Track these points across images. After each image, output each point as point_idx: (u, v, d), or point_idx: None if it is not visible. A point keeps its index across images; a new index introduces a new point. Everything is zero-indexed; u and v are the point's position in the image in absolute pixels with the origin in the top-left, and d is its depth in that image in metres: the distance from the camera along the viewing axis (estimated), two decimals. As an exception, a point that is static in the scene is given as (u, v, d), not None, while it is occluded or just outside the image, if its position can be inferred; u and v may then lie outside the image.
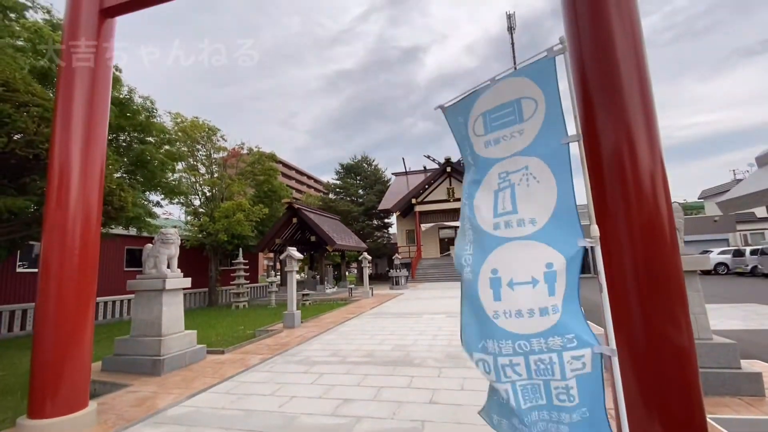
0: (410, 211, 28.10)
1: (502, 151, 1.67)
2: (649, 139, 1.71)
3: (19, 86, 4.37)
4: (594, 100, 1.70)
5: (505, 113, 1.66)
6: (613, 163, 1.61)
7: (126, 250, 14.54)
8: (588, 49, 1.91)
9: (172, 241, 5.14)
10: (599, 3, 1.95)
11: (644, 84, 1.82)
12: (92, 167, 3.46)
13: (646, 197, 1.62)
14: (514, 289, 1.59)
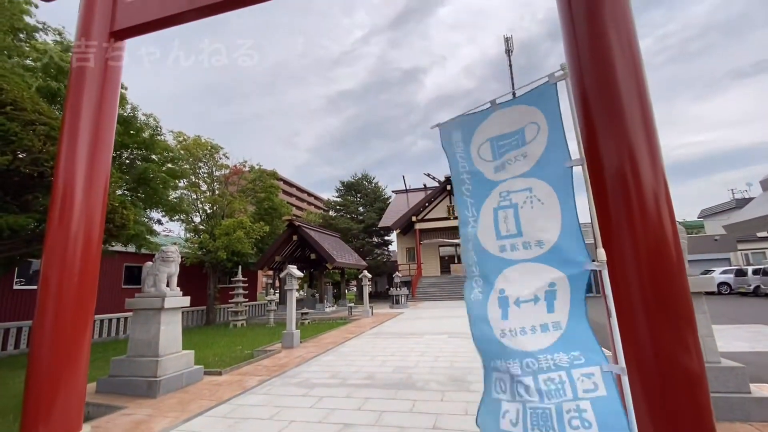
0: (410, 228, 28.10)
1: (506, 174, 1.69)
2: (651, 161, 1.73)
3: (27, 105, 4.44)
4: (596, 123, 1.72)
5: (511, 141, 1.69)
6: (617, 185, 1.61)
7: (125, 267, 14.46)
8: (588, 72, 1.94)
9: (172, 259, 5.12)
10: (598, 27, 2.00)
11: (645, 106, 1.84)
12: (96, 185, 3.47)
13: (651, 219, 1.62)
14: (520, 306, 1.60)
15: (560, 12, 2.25)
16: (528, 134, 1.64)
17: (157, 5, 3.26)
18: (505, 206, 1.66)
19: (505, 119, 1.72)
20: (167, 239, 17.51)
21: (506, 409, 1.64)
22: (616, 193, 1.62)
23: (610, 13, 2.04)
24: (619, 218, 1.60)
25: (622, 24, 2.03)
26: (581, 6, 2.10)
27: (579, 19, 2.10)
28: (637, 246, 1.59)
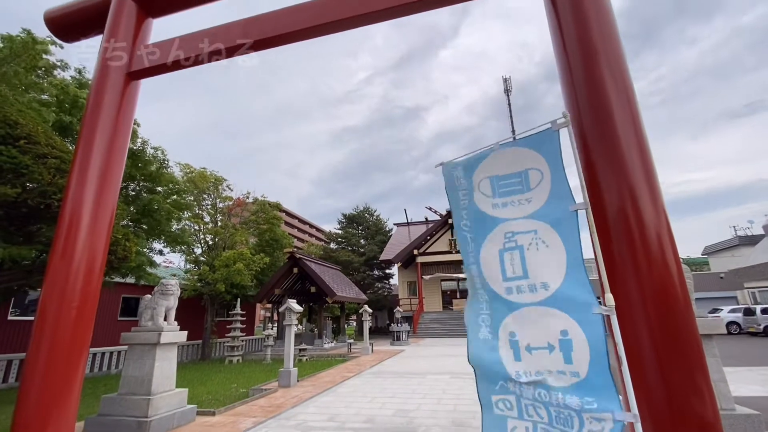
0: (412, 262, 27.89)
1: (510, 213, 1.71)
2: (653, 202, 1.75)
3: (41, 139, 4.57)
4: (597, 166, 1.76)
5: (513, 182, 1.72)
6: (620, 228, 1.62)
7: (122, 299, 14.26)
8: (587, 115, 2.00)
9: (171, 292, 5.06)
10: (594, 72, 2.09)
11: (643, 147, 1.89)
12: (102, 218, 3.50)
13: (656, 261, 1.62)
14: (532, 353, 1.58)
15: (557, 58, 2.36)
16: (532, 180, 1.67)
17: (174, 49, 3.44)
18: (511, 248, 1.67)
19: (506, 159, 1.76)
20: (167, 271, 17.39)
21: (514, 425, 1.65)
22: (620, 236, 1.63)
23: (605, 59, 2.15)
24: (625, 261, 1.60)
25: (617, 68, 2.12)
26: (577, 52, 2.21)
27: (575, 64, 2.20)
28: (644, 289, 1.58)
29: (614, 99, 2.01)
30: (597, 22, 2.26)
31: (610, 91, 2.03)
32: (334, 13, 2.67)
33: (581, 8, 2.31)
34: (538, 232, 1.60)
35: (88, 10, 3.82)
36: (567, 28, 2.32)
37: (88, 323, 3.42)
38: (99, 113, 3.66)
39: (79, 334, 3.29)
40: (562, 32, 2.35)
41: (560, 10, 2.39)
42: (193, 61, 3.43)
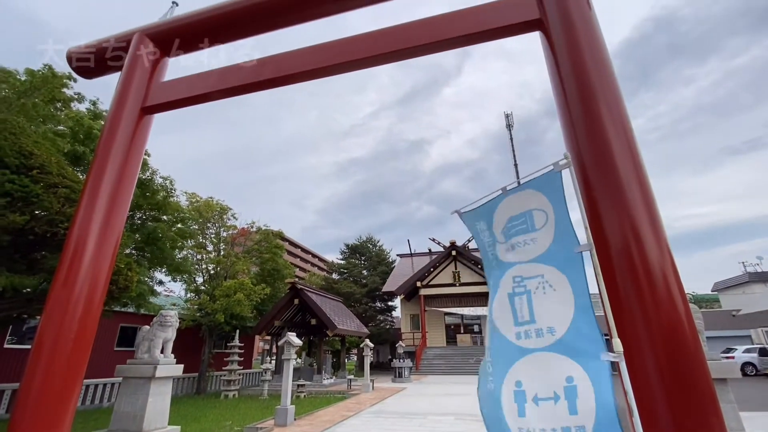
0: (415, 294, 27.44)
1: (517, 256, 1.71)
2: (658, 244, 1.73)
3: (53, 169, 4.69)
4: (600, 206, 1.76)
5: (519, 222, 1.74)
6: (626, 269, 1.60)
7: (120, 328, 14.02)
8: (588, 156, 2.04)
9: (170, 324, 4.99)
10: (593, 112, 2.14)
11: (644, 185, 1.90)
12: (106, 248, 3.52)
13: (663, 304, 1.58)
14: (538, 405, 1.50)
15: (556, 98, 2.44)
16: (537, 220, 1.69)
17: (188, 85, 3.58)
18: (520, 293, 1.65)
19: (514, 203, 1.80)
20: (168, 300, 17.21)
21: None
22: (626, 278, 1.60)
23: (603, 98, 2.20)
24: (631, 304, 1.56)
25: (615, 107, 2.18)
26: (575, 93, 2.28)
27: (574, 104, 2.26)
28: (652, 333, 1.54)
29: (613, 137, 2.04)
30: (594, 63, 2.35)
31: (608, 130, 2.07)
32: (343, 55, 2.80)
33: (578, 51, 2.40)
34: (545, 276, 1.58)
35: (108, 49, 4.02)
36: (565, 70, 2.40)
37: (84, 355, 3.35)
38: (111, 145, 3.76)
39: (73, 365, 3.22)
40: (560, 74, 2.43)
41: (558, 52, 2.48)
42: (205, 98, 3.57)
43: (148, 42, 3.87)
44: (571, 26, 2.48)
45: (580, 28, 2.48)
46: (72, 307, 3.27)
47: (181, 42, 3.92)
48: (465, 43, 2.58)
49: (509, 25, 2.52)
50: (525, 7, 2.57)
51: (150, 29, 3.89)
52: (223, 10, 3.54)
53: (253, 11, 3.42)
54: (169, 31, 3.83)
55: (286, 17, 3.40)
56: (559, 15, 2.52)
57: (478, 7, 2.59)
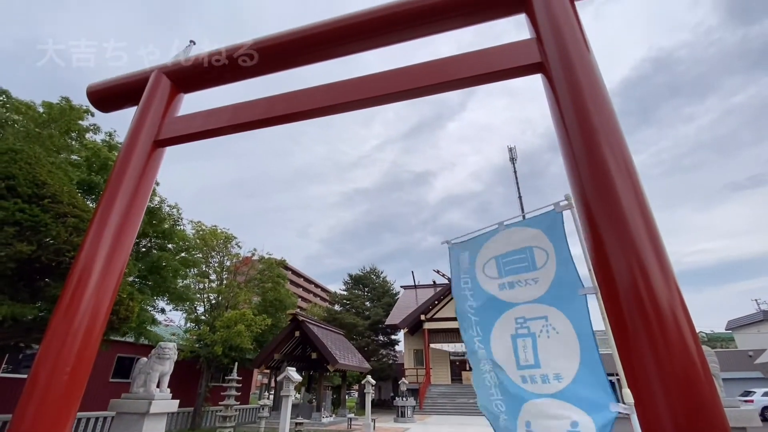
0: (419, 328, 26.79)
1: (518, 296, 1.68)
2: (667, 284, 1.70)
3: (64, 198, 4.78)
4: (606, 246, 1.75)
5: (517, 259, 1.72)
6: (635, 315, 1.55)
7: (116, 358, 13.72)
8: (591, 193, 2.04)
9: (168, 356, 4.88)
10: (595, 150, 2.16)
11: (650, 224, 1.89)
12: (110, 278, 3.52)
13: (675, 350, 1.53)
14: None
15: (558, 136, 2.47)
16: (538, 258, 1.67)
17: (202, 120, 3.70)
18: (524, 335, 1.61)
19: (510, 238, 1.78)
20: (167, 329, 16.94)
21: None
22: (635, 323, 1.55)
23: (605, 138, 2.23)
24: (642, 351, 1.50)
25: (616, 144, 2.20)
26: (577, 133, 2.32)
27: (576, 144, 2.30)
28: (665, 382, 1.47)
29: (616, 176, 2.05)
30: (594, 104, 2.40)
31: (611, 168, 2.09)
32: (353, 94, 2.90)
33: (579, 92, 2.47)
34: (549, 318, 1.55)
35: (127, 85, 4.20)
36: (566, 111, 2.46)
37: (80, 388, 3.26)
38: (123, 176, 3.85)
39: (68, 399, 3.13)
40: (562, 114, 2.49)
41: (559, 94, 2.56)
42: (217, 133, 3.68)
43: (165, 79, 4.04)
44: (571, 69, 2.57)
45: (579, 70, 2.56)
46: (71, 338, 3.22)
47: (196, 80, 4.10)
48: (471, 84, 2.67)
49: (512, 68, 2.61)
50: (527, 52, 2.68)
51: (167, 68, 4.07)
52: (238, 51, 3.72)
53: (267, 52, 3.59)
54: (185, 70, 4.01)
55: (298, 58, 3.56)
56: (560, 59, 2.62)
57: (483, 51, 2.70)
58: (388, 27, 3.14)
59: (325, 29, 3.31)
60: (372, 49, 3.29)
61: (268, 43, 3.54)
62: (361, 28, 3.21)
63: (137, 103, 4.12)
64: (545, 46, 2.69)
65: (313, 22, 3.40)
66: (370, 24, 3.18)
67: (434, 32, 3.18)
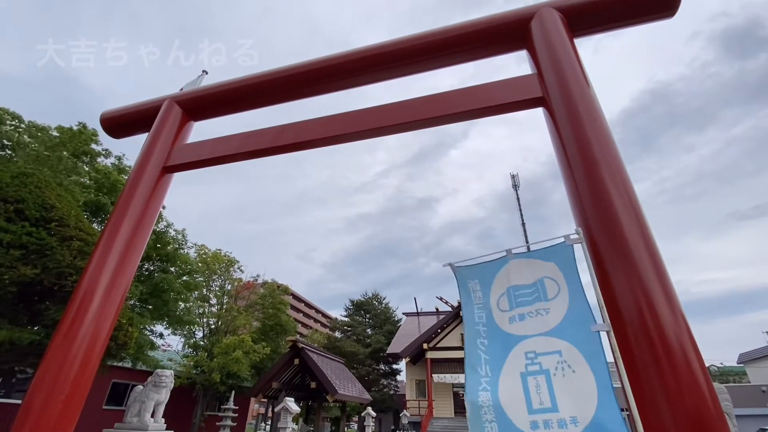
0: (421, 357, 26.12)
1: (527, 329, 1.62)
2: (675, 320, 1.67)
3: (71, 221, 4.83)
4: (613, 282, 1.73)
5: (529, 292, 1.68)
6: (647, 356, 1.52)
7: (111, 384, 13.41)
8: (597, 229, 2.05)
9: (164, 384, 4.76)
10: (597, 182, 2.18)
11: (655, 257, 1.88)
12: (112, 303, 3.49)
13: (685, 389, 1.48)
14: None
15: (562, 170, 2.51)
16: (549, 290, 1.63)
17: (210, 148, 3.79)
18: (535, 372, 1.52)
19: (521, 270, 1.75)
20: (165, 354, 16.63)
21: None
22: (646, 360, 1.52)
23: (607, 170, 2.26)
24: (653, 389, 1.46)
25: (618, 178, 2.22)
26: (579, 165, 2.35)
27: (579, 176, 2.33)
28: (677, 421, 1.42)
29: (620, 208, 2.06)
30: (595, 137, 2.44)
31: (615, 201, 2.10)
32: (357, 125, 2.98)
33: (580, 126, 2.51)
34: (563, 353, 1.48)
35: (139, 113, 4.34)
36: (568, 144, 2.50)
37: (74, 416, 3.18)
38: (131, 200, 3.90)
39: (60, 427, 3.05)
40: (564, 147, 2.53)
41: (561, 127, 2.61)
42: (226, 160, 3.76)
43: (177, 108, 4.17)
44: (572, 104, 2.64)
45: (580, 105, 2.63)
46: (68, 364, 3.16)
47: (207, 108, 4.23)
48: (473, 117, 2.74)
49: (514, 101, 2.69)
50: (529, 86, 2.76)
51: (180, 96, 4.21)
52: (249, 82, 3.85)
53: (276, 84, 3.72)
54: (197, 99, 4.14)
55: (306, 90, 3.68)
56: (561, 94, 2.69)
57: (485, 85, 2.78)
58: (394, 62, 3.26)
59: (333, 63, 3.44)
60: (377, 82, 3.41)
61: (279, 75, 3.67)
62: (368, 63, 3.33)
63: (148, 129, 4.23)
64: (546, 81, 2.77)
65: (321, 56, 3.54)
66: (376, 59, 3.30)
67: (438, 67, 3.30)
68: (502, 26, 3.08)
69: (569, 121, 2.56)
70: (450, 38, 3.08)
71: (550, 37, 2.97)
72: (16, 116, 9.12)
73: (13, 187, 4.75)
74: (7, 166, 6.15)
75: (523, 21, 3.00)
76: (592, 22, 3.04)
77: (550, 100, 2.71)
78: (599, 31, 3.31)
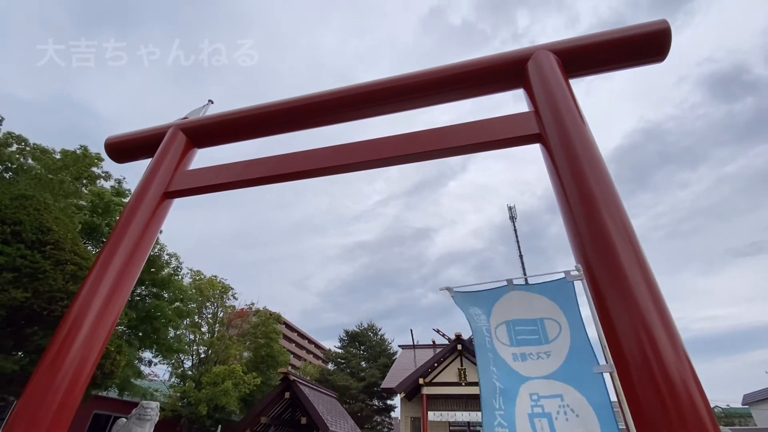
0: (417, 392, 25.17)
1: (530, 370, 1.59)
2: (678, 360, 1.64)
3: (67, 245, 4.79)
4: (614, 320, 1.71)
5: (529, 330, 1.66)
6: (650, 394, 1.48)
7: (93, 415, 12.80)
8: (597, 265, 2.05)
9: (149, 417, 4.55)
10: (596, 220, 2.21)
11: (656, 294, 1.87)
12: (102, 330, 3.40)
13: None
14: None
15: (560, 205, 2.55)
16: (549, 331, 1.62)
17: (212, 175, 3.83)
18: (539, 414, 1.49)
19: (522, 304, 1.73)
20: (151, 384, 16.01)
21: None
22: (650, 401, 1.48)
23: (604, 204, 2.29)
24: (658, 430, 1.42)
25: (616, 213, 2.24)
26: (577, 200, 2.38)
27: (577, 211, 2.36)
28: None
29: (618, 242, 2.06)
30: (592, 172, 2.48)
31: (613, 235, 2.11)
32: (358, 156, 3.04)
33: (576, 161, 2.56)
34: (565, 398, 1.45)
35: (144, 139, 4.41)
36: (565, 178, 2.55)
37: (51, 452, 3.01)
38: (130, 224, 3.88)
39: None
40: (561, 181, 2.57)
41: (557, 162, 2.67)
42: (227, 187, 3.79)
43: (181, 135, 4.25)
44: (568, 140, 2.71)
45: (576, 141, 2.70)
46: (52, 393, 3.04)
47: (211, 136, 4.31)
48: (472, 151, 2.81)
49: (512, 137, 2.76)
50: (526, 123, 2.85)
51: (184, 124, 4.30)
52: (253, 112, 3.95)
53: (280, 115, 3.82)
54: (202, 128, 4.23)
55: (309, 121, 3.78)
56: (557, 130, 2.77)
57: (484, 121, 2.87)
58: (397, 97, 3.38)
59: (337, 96, 3.56)
60: (378, 116, 3.50)
61: (284, 106, 3.77)
62: (372, 97, 3.44)
63: (151, 155, 4.29)
64: (543, 118, 2.86)
65: (325, 90, 3.66)
66: (380, 93, 3.42)
67: (438, 102, 3.42)
68: (500, 66, 3.22)
69: (566, 157, 2.63)
70: (451, 76, 3.21)
71: (546, 78, 3.10)
72: (22, 139, 9.24)
73: (12, 209, 4.75)
74: (8, 189, 6.18)
75: (520, 62, 3.13)
76: (586, 64, 3.17)
77: (547, 136, 2.79)
78: (593, 73, 3.45)
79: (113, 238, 3.81)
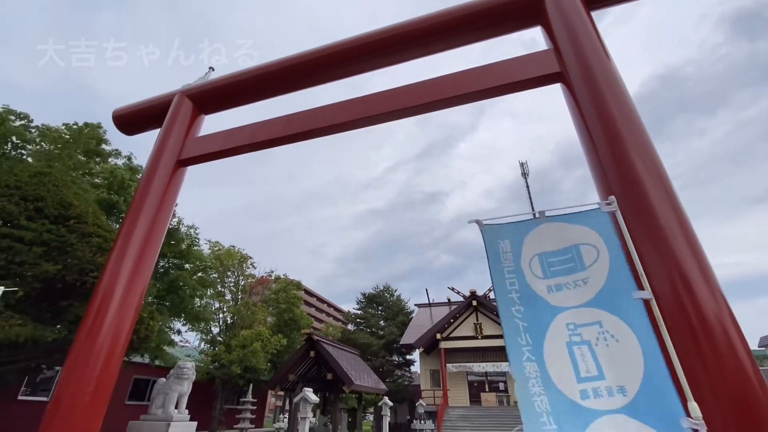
0: (435, 347, 26.14)
1: (566, 300, 1.54)
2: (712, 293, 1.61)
3: (89, 219, 4.90)
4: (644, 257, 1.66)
5: (563, 259, 1.60)
6: (685, 326, 1.45)
7: (133, 380, 13.73)
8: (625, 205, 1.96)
9: (187, 376, 4.84)
10: (624, 160, 2.10)
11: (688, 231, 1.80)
12: (132, 297, 3.53)
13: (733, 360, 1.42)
14: None
15: (584, 147, 2.43)
16: (586, 256, 1.55)
17: (222, 140, 3.78)
18: (578, 342, 1.46)
19: (554, 234, 1.64)
20: (182, 351, 16.96)
21: None
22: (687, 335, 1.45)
23: (632, 143, 2.16)
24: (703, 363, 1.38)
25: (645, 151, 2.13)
26: (603, 141, 2.26)
27: (603, 152, 2.24)
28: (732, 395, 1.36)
29: (648, 182, 1.97)
30: (619, 110, 2.34)
31: (642, 175, 2.00)
32: (369, 109, 2.93)
33: (602, 99, 2.41)
34: (604, 324, 1.42)
35: (151, 108, 4.34)
36: (590, 119, 2.41)
37: (101, 409, 3.24)
38: (147, 194, 3.92)
39: (89, 421, 3.11)
40: (585, 122, 2.44)
41: (581, 102, 2.52)
42: (237, 151, 3.74)
43: (188, 101, 4.16)
44: (592, 77, 2.54)
45: (601, 78, 2.53)
46: (94, 358, 3.21)
47: (217, 101, 4.21)
48: (491, 95, 2.68)
49: (532, 78, 2.61)
50: (546, 62, 2.67)
51: (190, 90, 4.20)
52: (257, 72, 3.82)
53: (282, 74, 3.67)
54: (207, 92, 4.13)
55: (312, 78, 3.63)
56: (580, 68, 2.60)
57: (501, 62, 2.71)
58: (403, 44, 3.19)
59: (341, 48, 3.38)
60: (389, 66, 3.34)
61: (288, 63, 3.62)
62: (377, 47, 3.26)
63: (160, 125, 4.23)
64: (564, 56, 2.67)
65: (329, 43, 3.48)
66: (386, 42, 3.23)
67: (449, 47, 3.21)
68: (515, 2, 2.98)
69: (590, 96, 2.48)
70: (462, 17, 2.99)
71: (566, 11, 2.86)
72: (24, 116, 9.18)
73: (32, 185, 4.84)
74: (25, 167, 6.27)
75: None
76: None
77: (568, 75, 2.62)
78: (617, 2, 3.19)
79: (133, 209, 3.86)
